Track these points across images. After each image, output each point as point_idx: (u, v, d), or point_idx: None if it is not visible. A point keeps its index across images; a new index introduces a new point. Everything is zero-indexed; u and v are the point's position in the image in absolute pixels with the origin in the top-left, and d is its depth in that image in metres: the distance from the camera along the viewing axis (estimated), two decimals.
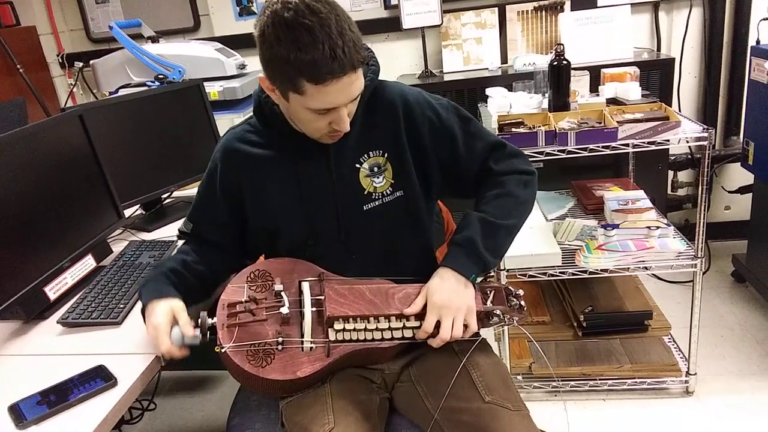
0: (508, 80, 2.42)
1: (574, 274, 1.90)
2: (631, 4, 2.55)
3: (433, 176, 1.26)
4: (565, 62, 1.90)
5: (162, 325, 1.10)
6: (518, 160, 1.29)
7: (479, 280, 1.27)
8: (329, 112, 1.06)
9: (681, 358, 2.08)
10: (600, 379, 2.04)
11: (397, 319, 1.16)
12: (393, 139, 1.22)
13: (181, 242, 1.35)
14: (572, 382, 2.05)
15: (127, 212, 1.83)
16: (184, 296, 1.18)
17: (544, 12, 2.69)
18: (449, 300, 1.14)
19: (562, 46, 1.90)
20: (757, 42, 2.25)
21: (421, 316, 1.16)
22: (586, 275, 1.89)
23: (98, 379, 1.10)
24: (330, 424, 1.10)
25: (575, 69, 2.01)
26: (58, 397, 1.07)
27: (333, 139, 1.15)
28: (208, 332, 1.10)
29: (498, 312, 1.21)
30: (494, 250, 1.21)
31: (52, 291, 1.40)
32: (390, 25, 2.79)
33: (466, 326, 1.16)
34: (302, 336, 1.12)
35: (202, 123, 2.04)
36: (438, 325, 1.14)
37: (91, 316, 1.31)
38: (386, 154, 1.23)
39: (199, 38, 2.95)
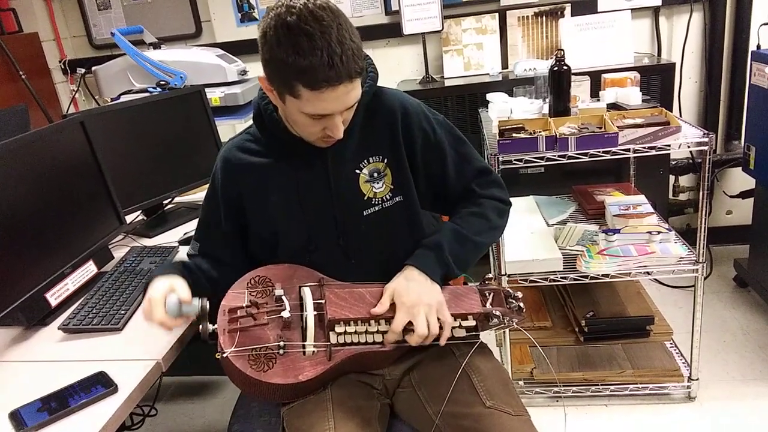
0: (509, 85, 2.42)
1: (575, 280, 1.90)
2: (632, 9, 2.56)
3: (419, 186, 1.28)
4: (565, 67, 1.90)
5: (157, 294, 1.10)
6: (499, 188, 1.34)
7: (478, 283, 1.28)
8: (324, 118, 1.07)
9: (683, 363, 2.07)
10: (602, 385, 2.03)
11: None
12: (392, 144, 1.23)
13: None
14: (574, 388, 2.04)
15: (129, 218, 1.83)
16: (192, 287, 1.16)
17: (544, 17, 2.70)
18: (419, 298, 1.15)
19: (562, 52, 1.90)
20: (758, 47, 2.26)
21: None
22: (587, 280, 1.89)
23: (99, 385, 1.10)
24: (331, 430, 1.10)
25: (576, 74, 2.01)
26: (59, 403, 1.07)
27: (327, 144, 1.16)
28: (209, 338, 1.10)
29: (497, 313, 1.22)
30: (459, 259, 1.23)
31: (54, 297, 1.40)
32: (391, 30, 2.80)
33: (441, 326, 1.15)
34: (304, 340, 1.12)
35: (203, 129, 2.05)
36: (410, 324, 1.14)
37: (92, 322, 1.31)
38: (386, 160, 1.23)
39: (201, 44, 2.95)
